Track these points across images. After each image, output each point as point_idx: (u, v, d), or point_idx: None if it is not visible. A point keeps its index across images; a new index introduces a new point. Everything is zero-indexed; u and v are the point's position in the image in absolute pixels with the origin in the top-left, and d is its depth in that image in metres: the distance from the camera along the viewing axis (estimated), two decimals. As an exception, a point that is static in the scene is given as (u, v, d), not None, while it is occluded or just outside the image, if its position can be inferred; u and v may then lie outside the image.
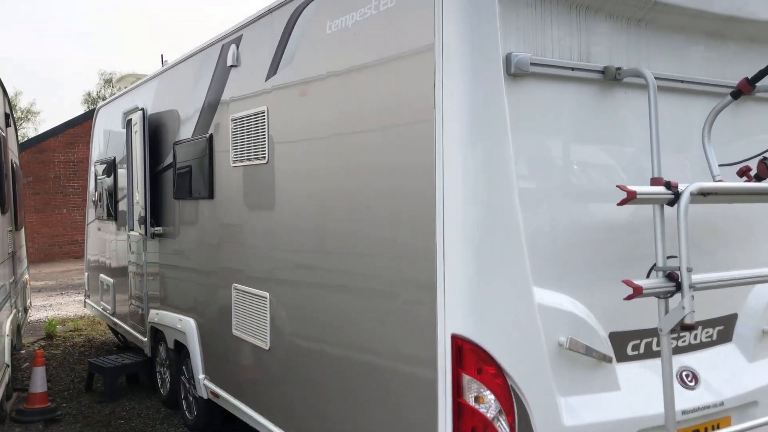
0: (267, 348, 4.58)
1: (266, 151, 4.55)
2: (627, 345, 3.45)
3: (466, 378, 2.93)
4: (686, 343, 3.70)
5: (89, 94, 48.36)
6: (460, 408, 2.94)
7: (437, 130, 3.00)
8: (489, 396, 2.94)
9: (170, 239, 6.50)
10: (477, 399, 2.95)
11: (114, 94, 9.20)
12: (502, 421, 2.96)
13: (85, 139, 20.98)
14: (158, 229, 6.65)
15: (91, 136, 9.68)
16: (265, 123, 4.55)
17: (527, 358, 3.03)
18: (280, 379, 4.46)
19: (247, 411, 4.86)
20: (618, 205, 2.98)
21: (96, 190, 9.23)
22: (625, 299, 2.96)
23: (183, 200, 6.10)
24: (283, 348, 4.42)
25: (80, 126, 20.89)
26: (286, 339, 4.39)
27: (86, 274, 10.12)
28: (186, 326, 5.96)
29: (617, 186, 2.99)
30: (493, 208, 2.99)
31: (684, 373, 3.61)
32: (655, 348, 3.55)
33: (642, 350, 3.50)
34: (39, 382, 6.63)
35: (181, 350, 6.33)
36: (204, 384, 5.65)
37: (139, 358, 7.50)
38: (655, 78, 3.28)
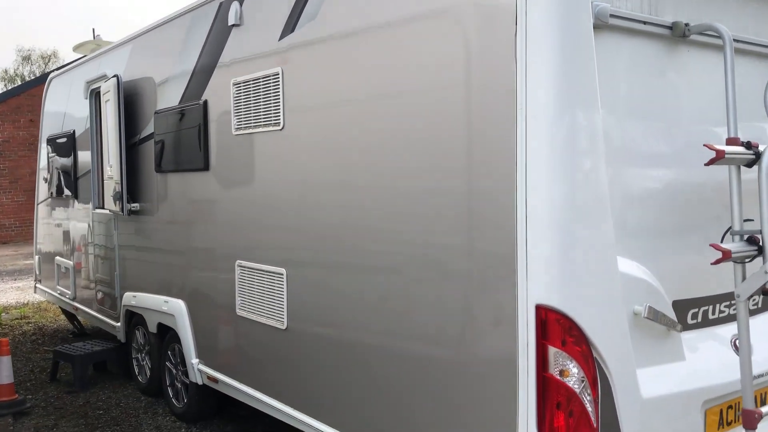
0: (284, 328, 4.28)
1: (281, 117, 4.22)
2: (688, 313, 3.33)
3: (552, 350, 2.74)
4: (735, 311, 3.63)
5: (6, 72, 45.85)
6: (545, 382, 2.75)
7: (519, 87, 2.77)
8: (574, 369, 2.76)
9: (148, 216, 6.06)
10: (562, 372, 2.76)
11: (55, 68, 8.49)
12: (587, 395, 2.79)
13: (9, 118, 19.76)
14: (135, 206, 6.20)
15: (42, 110, 9.00)
16: (279, 86, 4.22)
17: (611, 328, 2.86)
18: (300, 361, 4.18)
19: (257, 395, 4.55)
20: (706, 165, 2.84)
21: (49, 168, 8.60)
22: (712, 264, 2.84)
23: (167, 173, 5.68)
24: (305, 328, 4.13)
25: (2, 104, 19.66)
26: (308, 319, 4.10)
27: (37, 257, 9.47)
28: (174, 308, 5.57)
29: (705, 145, 2.85)
30: (582, 173, 2.79)
31: (735, 341, 3.53)
32: (711, 316, 3.45)
33: (700, 318, 3.40)
34: (5, 373, 6.11)
35: (165, 334, 5.93)
36: (198, 369, 5.29)
37: (110, 344, 7.03)
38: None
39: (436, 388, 3.24)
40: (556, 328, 2.73)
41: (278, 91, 4.23)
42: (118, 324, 6.76)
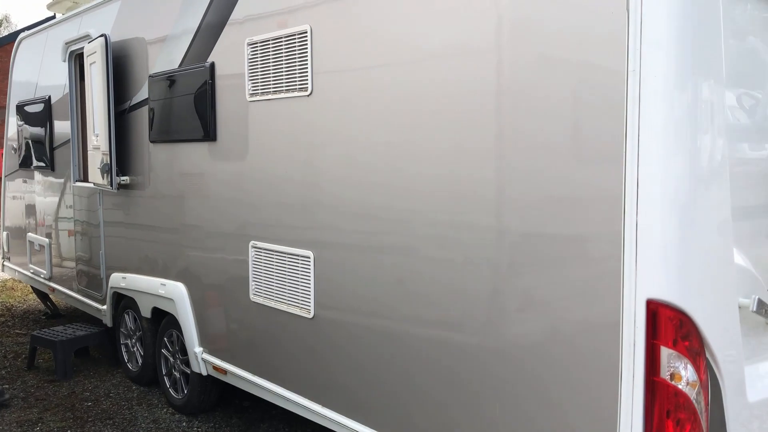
0: (310, 317, 3.86)
1: (309, 81, 3.76)
2: (780, 305, 3.01)
3: (664, 351, 2.38)
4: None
5: (-43, 37, 43.90)
6: (654, 387, 2.39)
7: (631, 37, 2.37)
8: (687, 371, 2.41)
9: (140, 191, 5.54)
10: (673, 376, 2.41)
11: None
12: (700, 401, 2.44)
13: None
14: (125, 179, 5.66)
15: (10, 75, 8.30)
16: (308, 46, 3.75)
17: (723, 324, 2.52)
18: (329, 353, 3.77)
19: (276, 389, 4.14)
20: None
21: (19, 137, 7.94)
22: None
23: (164, 144, 5.16)
24: (335, 317, 3.72)
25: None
26: (339, 307, 3.69)
27: (5, 233, 8.82)
28: (173, 292, 5.09)
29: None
30: (702, 145, 2.42)
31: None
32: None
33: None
34: (-18, 362, 5.57)
35: (160, 319, 5.45)
36: (202, 358, 4.84)
37: (94, 328, 6.51)
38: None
39: (513, 393, 2.86)
40: (668, 326, 2.37)
41: (306, 52, 3.76)
42: (104, 307, 6.24)
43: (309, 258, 3.83)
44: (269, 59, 4.02)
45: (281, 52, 3.93)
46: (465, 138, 2.96)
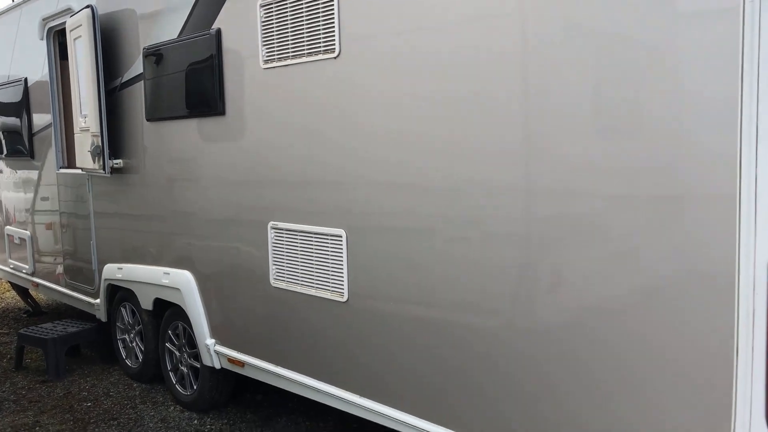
0: (343, 300, 3.54)
1: (336, 42, 3.42)
2: None
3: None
4: None
5: None
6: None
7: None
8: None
9: (136, 175, 5.14)
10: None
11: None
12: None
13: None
14: (118, 163, 5.25)
15: (-21, 57, 7.76)
16: (334, 4, 3.40)
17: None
18: (366, 339, 3.46)
19: (306, 381, 3.82)
20: None
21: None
22: None
23: (163, 122, 4.77)
24: (374, 300, 3.41)
25: None
26: (376, 289, 3.37)
27: (-21, 228, 8.30)
28: (178, 281, 4.72)
29: None
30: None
31: None
32: None
33: None
34: (-32, 364, 5.15)
35: (163, 311, 5.08)
36: (215, 351, 4.49)
37: (86, 324, 6.10)
38: None
39: (606, 383, 2.59)
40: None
41: (332, 10, 3.42)
42: (97, 301, 5.84)
43: (341, 237, 3.51)
44: (287, 21, 3.66)
45: (302, 12, 3.57)
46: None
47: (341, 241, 3.51)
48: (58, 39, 6.14)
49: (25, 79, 6.57)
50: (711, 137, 2.17)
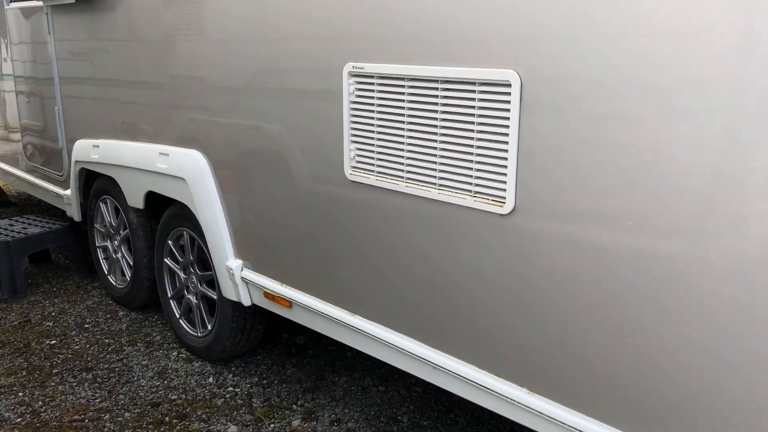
0: (504, 212, 1.83)
1: None
2: None
3: None
4: None
5: None
6: None
7: None
8: None
9: (119, 5, 3.32)
10: None
11: None
12: None
13: None
14: (88, -17, 3.42)
15: None
16: None
17: None
18: (544, 281, 1.78)
19: (404, 343, 2.18)
20: None
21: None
22: None
23: None
24: (547, 215, 1.70)
25: None
26: (554, 196, 1.66)
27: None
28: (183, 167, 3.01)
29: None
30: None
31: None
32: None
33: None
34: None
35: (161, 211, 3.41)
36: (242, 278, 2.84)
37: (55, 223, 4.44)
38: None
39: None
40: None
41: None
42: (67, 192, 4.15)
43: (509, 85, 1.76)
44: None
45: None
46: None
47: (508, 93, 1.77)
48: None
49: None
50: None
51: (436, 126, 1.95)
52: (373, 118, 2.14)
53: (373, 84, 2.12)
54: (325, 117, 2.31)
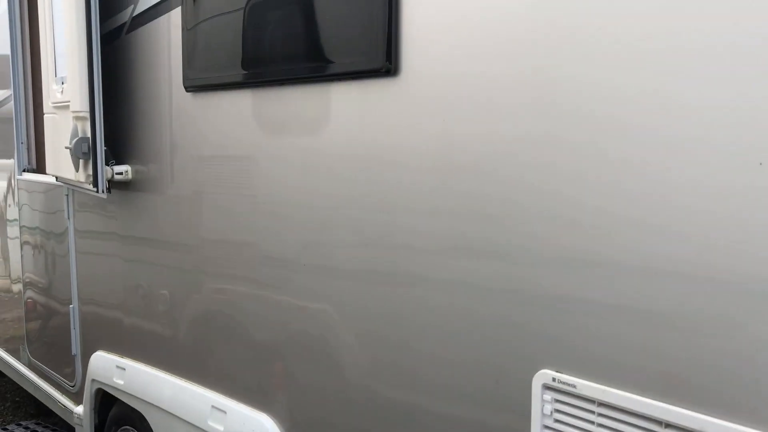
0: None
1: None
2: None
3: None
4: None
5: None
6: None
7: None
8: None
9: (155, 195, 2.64)
10: None
11: None
12: None
13: None
14: (123, 171, 2.75)
15: None
16: None
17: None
18: None
19: None
20: None
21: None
22: None
23: (229, 91, 2.26)
24: None
25: None
26: None
27: None
28: (245, 433, 2.21)
29: None
30: None
31: None
32: None
33: None
34: None
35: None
36: None
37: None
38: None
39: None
40: None
41: None
42: (78, 410, 3.34)
43: None
44: None
45: None
46: None
47: None
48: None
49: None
50: None
51: None
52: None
53: (586, 411, 1.36)
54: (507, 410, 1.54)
